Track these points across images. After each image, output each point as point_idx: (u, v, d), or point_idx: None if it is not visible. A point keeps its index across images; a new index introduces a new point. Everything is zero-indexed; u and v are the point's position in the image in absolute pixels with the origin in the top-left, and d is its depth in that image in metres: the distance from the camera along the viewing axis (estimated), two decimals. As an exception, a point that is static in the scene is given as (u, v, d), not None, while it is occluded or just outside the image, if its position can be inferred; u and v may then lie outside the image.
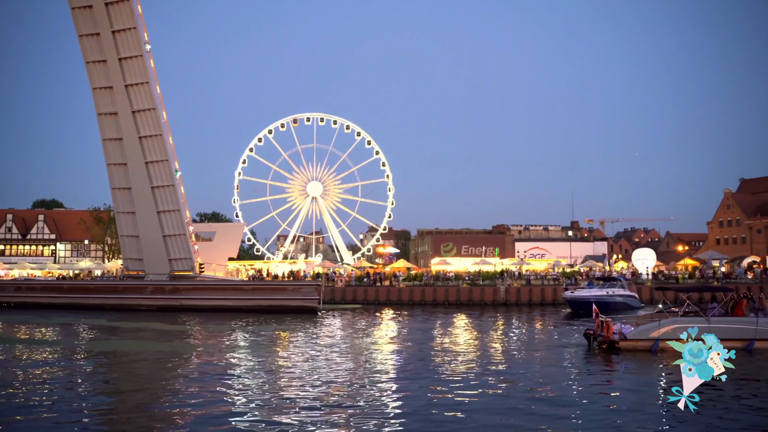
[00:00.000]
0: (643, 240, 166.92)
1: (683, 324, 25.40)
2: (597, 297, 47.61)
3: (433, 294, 60.10)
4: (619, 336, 25.84)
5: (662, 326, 25.84)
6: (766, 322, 26.10)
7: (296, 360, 25.06)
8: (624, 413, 15.89)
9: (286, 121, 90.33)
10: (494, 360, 24.94)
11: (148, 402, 17.35)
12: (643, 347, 25.60)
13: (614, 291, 49.92)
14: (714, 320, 25.72)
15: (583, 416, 15.23)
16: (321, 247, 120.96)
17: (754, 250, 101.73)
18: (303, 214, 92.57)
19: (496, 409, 16.02)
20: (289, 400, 17.09)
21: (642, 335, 25.82)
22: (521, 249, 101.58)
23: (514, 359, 25.18)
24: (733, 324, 25.92)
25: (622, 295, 49.69)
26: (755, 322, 25.91)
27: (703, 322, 25.27)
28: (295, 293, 53.70)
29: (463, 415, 15.42)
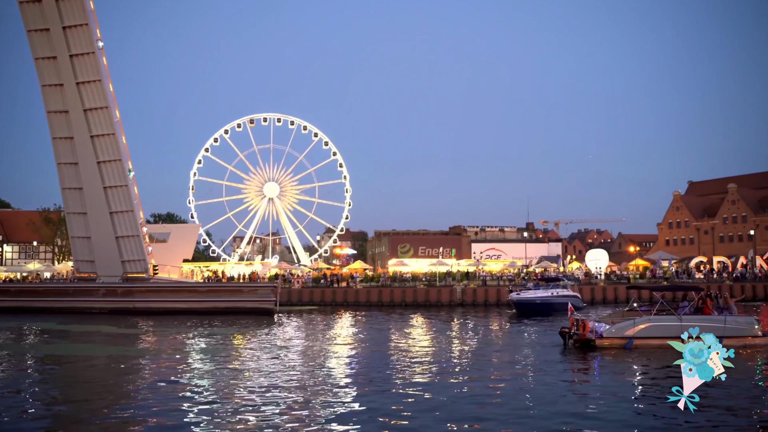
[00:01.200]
0: (596, 241, 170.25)
1: (657, 322, 26.52)
2: (542, 298, 48.37)
3: (390, 295, 60.23)
4: (595, 334, 26.28)
5: (637, 324, 26.51)
6: (733, 320, 27.03)
7: (252, 362, 24.84)
8: (608, 408, 16.12)
9: (242, 122, 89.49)
10: (462, 361, 24.99)
11: (99, 408, 16.94)
12: (619, 345, 26.11)
13: (558, 292, 50.35)
14: (686, 318, 26.43)
15: (566, 414, 15.42)
16: (278, 248, 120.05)
17: (701, 250, 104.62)
18: (259, 215, 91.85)
19: (470, 409, 16.08)
20: (245, 404, 16.90)
21: (617, 333, 26.35)
22: (477, 250, 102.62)
23: (487, 359, 25.24)
24: (704, 322, 26.31)
25: (565, 296, 49.96)
26: (723, 321, 26.71)
27: (675, 320, 26.20)
28: (251, 295, 53.25)
29: (432, 416, 15.45)
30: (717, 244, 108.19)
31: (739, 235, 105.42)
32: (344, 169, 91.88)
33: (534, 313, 46.37)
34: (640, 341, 26.01)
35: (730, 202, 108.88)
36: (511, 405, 16.37)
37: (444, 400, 16.94)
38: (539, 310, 47.00)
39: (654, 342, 25.88)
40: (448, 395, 17.62)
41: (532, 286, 51.86)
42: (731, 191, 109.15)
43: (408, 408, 16.15)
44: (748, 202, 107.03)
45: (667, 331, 25.62)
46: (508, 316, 46.98)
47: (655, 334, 26.08)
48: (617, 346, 26.07)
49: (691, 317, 26.64)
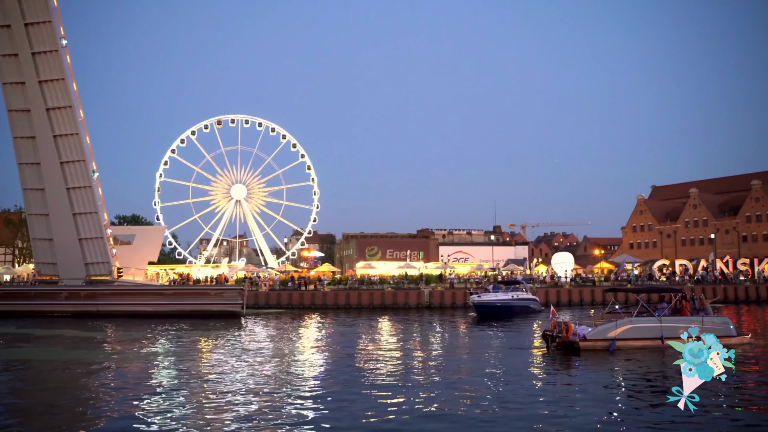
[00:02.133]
0: (562, 244, 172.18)
1: (638, 324, 27.05)
2: (503, 301, 48.43)
3: (358, 298, 60.16)
4: (578, 337, 26.53)
5: (619, 326, 26.94)
6: (710, 321, 27.71)
7: (218, 366, 24.55)
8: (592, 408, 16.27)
9: (210, 123, 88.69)
10: (443, 365, 25.00)
11: (61, 414, 16.61)
12: (601, 347, 26.40)
13: (518, 295, 50.59)
14: (665, 320, 27.22)
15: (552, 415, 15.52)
16: (245, 250, 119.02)
17: (664, 253, 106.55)
18: (227, 218, 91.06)
19: (463, 416, 16.10)
20: (210, 409, 16.71)
21: (600, 335, 26.67)
22: (445, 253, 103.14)
23: (471, 363, 25.26)
24: (682, 323, 27.11)
25: (524, 299, 50.51)
26: (701, 321, 27.21)
27: (655, 321, 26.95)
28: (218, 298, 52.70)
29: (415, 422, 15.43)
30: (679, 247, 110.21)
31: (701, 239, 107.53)
32: (312, 171, 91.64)
33: (494, 316, 46.39)
34: (623, 343, 26.45)
35: (692, 206, 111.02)
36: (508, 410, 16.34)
37: (432, 406, 16.91)
38: (499, 313, 47.07)
39: (636, 343, 26.50)
40: (436, 400, 17.60)
41: (492, 288, 51.64)
42: (693, 196, 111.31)
43: (377, 412, 16.10)
44: (709, 207, 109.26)
45: (648, 333, 26.61)
46: (470, 319, 46.81)
47: (637, 335, 26.74)
48: (600, 348, 26.39)
49: (670, 318, 27.46)
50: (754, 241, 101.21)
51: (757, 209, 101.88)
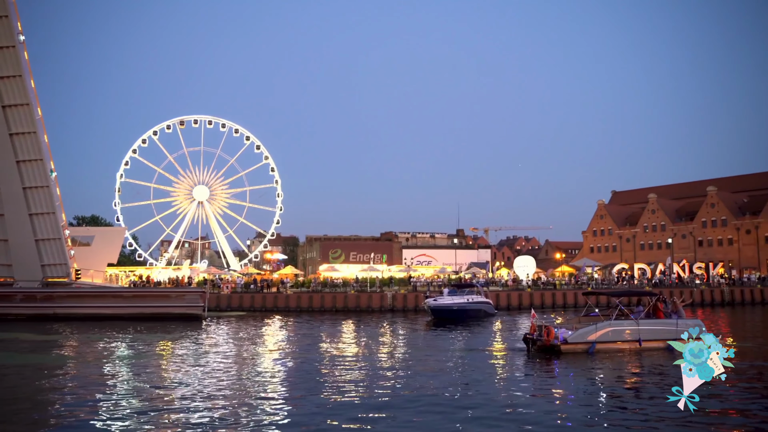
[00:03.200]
0: (524, 248, 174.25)
1: (617, 327, 27.52)
2: (459, 305, 47.95)
3: (321, 300, 60.04)
4: (559, 340, 26.79)
5: (598, 329, 27.30)
6: (684, 323, 28.09)
7: (177, 370, 24.26)
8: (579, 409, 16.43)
9: (172, 123, 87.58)
10: (418, 368, 25.02)
11: (15, 420, 16.24)
12: (582, 350, 26.74)
13: (473, 298, 50.19)
14: (642, 323, 27.87)
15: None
16: (207, 252, 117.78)
17: (623, 257, 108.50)
18: (188, 219, 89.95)
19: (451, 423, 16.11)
20: (169, 413, 16.51)
21: (580, 338, 27.00)
22: (408, 256, 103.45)
23: (451, 367, 25.22)
24: (658, 326, 28.10)
25: (480, 302, 50.19)
26: (675, 324, 27.97)
27: (633, 324, 27.58)
28: (179, 300, 52.08)
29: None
30: (638, 251, 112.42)
31: (658, 243, 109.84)
32: (276, 173, 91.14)
33: (450, 319, 45.97)
34: (602, 345, 26.89)
35: (650, 211, 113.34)
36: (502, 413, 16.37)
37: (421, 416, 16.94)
38: (455, 317, 46.67)
39: (614, 346, 27.03)
40: (422, 407, 17.63)
41: (448, 292, 51.32)
42: (651, 201, 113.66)
43: (344, 416, 16.09)
44: (667, 212, 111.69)
45: (627, 335, 27.24)
46: (425, 323, 46.47)
47: (616, 338, 27.25)
48: (580, 350, 26.72)
49: (647, 321, 28.15)
50: (710, 246, 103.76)
51: (713, 215, 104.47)
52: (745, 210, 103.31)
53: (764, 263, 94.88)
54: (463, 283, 58.87)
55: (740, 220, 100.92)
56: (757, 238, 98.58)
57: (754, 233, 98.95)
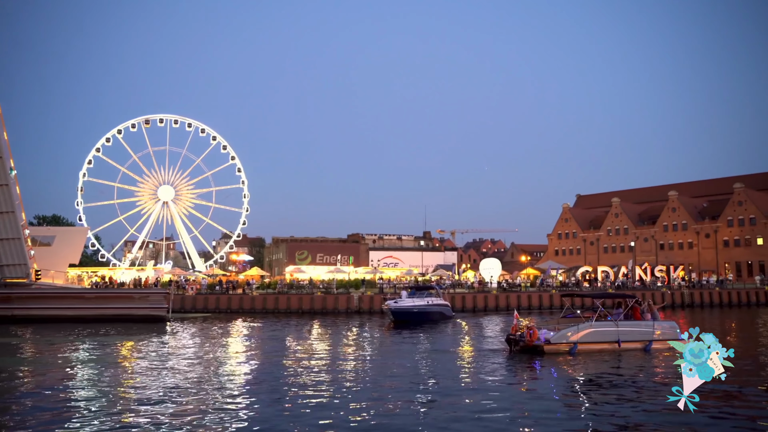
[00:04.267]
0: (490, 250, 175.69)
1: (598, 328, 28.15)
2: (420, 307, 47.51)
3: (287, 302, 59.74)
4: (542, 340, 27.22)
5: (580, 330, 27.89)
6: (660, 325, 29.39)
7: (141, 373, 23.96)
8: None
9: (137, 122, 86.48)
10: (400, 372, 25.02)
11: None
12: (564, 350, 27.26)
13: (432, 300, 49.87)
14: (621, 324, 28.60)
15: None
16: (171, 253, 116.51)
17: (587, 260, 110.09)
18: (153, 219, 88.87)
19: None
20: (131, 416, 16.31)
21: (563, 339, 27.53)
22: (375, 258, 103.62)
23: (433, 370, 25.31)
24: (636, 327, 28.96)
25: (439, 305, 49.91)
26: (652, 325, 29.05)
27: (612, 326, 28.27)
28: (143, 301, 51.32)
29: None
30: (602, 254, 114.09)
31: (621, 246, 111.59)
32: (242, 173, 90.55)
33: (410, 322, 45.46)
34: (583, 346, 27.44)
35: (614, 215, 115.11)
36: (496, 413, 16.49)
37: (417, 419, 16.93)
38: (416, 319, 46.19)
39: (595, 346, 27.66)
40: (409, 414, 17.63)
41: (406, 294, 50.69)
42: (615, 205, 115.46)
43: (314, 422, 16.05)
44: (630, 216, 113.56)
45: (607, 336, 27.93)
46: (385, 325, 45.88)
47: (596, 339, 27.89)
48: (563, 351, 27.22)
49: (626, 323, 28.91)
50: (671, 249, 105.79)
51: (674, 219, 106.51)
52: (704, 214, 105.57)
53: (722, 266, 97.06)
54: (422, 285, 58.48)
55: (700, 225, 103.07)
56: (716, 241, 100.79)
57: (713, 237, 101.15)
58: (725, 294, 70.96)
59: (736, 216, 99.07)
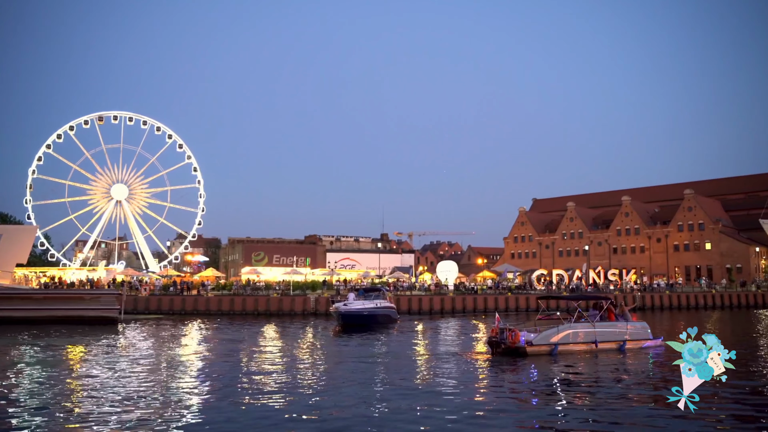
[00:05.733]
0: (447, 253, 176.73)
1: (577, 329, 28.74)
2: (369, 310, 46.46)
3: (243, 304, 59.07)
4: (526, 342, 27.49)
5: (560, 332, 28.38)
6: (633, 326, 30.46)
7: (91, 376, 23.31)
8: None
9: (90, 118, 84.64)
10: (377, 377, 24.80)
11: None
12: (545, 352, 27.68)
13: (380, 303, 48.77)
14: (598, 325, 29.39)
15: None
16: (124, 253, 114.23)
17: (542, 263, 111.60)
18: (105, 219, 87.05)
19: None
20: (78, 422, 15.83)
21: (545, 340, 27.89)
22: (332, 259, 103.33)
23: (417, 373, 25.13)
24: (611, 328, 29.80)
25: (386, 308, 49.11)
26: (626, 326, 30.04)
27: (590, 327, 29.01)
28: (94, 303, 50.15)
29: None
30: (557, 257, 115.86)
31: (576, 250, 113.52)
32: (198, 173, 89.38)
33: (360, 325, 44.27)
34: (563, 347, 27.97)
35: (569, 219, 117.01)
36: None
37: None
38: (365, 322, 45.06)
39: (574, 347, 28.29)
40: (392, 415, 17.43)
41: (354, 296, 49.36)
42: (570, 209, 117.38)
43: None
44: (584, 220, 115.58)
45: (585, 337, 28.64)
46: (332, 329, 44.71)
47: (575, 340, 28.52)
48: (544, 352, 27.62)
49: (602, 324, 29.71)
50: (623, 253, 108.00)
51: (627, 223, 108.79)
52: (656, 219, 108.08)
53: (672, 270, 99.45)
54: (369, 287, 57.79)
55: (651, 229, 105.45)
56: (667, 246, 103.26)
57: (664, 242, 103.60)
58: (675, 297, 72.65)
59: (686, 221, 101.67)
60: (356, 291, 52.96)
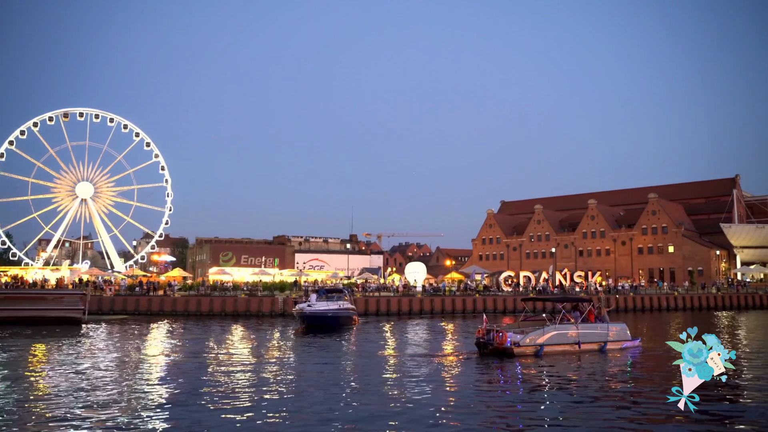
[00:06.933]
0: (416, 254, 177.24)
1: (561, 330, 29.47)
2: (334, 311, 45.80)
3: (210, 304, 58.59)
4: (513, 343, 28.04)
5: (546, 333, 28.99)
6: (613, 327, 31.31)
7: (52, 378, 22.97)
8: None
9: (55, 115, 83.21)
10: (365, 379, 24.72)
11: None
12: (531, 352, 28.29)
13: (343, 305, 48.14)
14: (581, 326, 30.16)
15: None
16: (89, 253, 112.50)
17: (510, 265, 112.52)
18: (70, 217, 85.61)
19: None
20: (38, 425, 15.62)
21: (531, 341, 28.48)
22: (301, 260, 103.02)
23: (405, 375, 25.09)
24: (593, 330, 30.58)
25: (349, 309, 48.65)
26: (607, 327, 30.91)
27: (573, 328, 29.75)
28: (57, 303, 49.30)
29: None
30: (524, 260, 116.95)
31: (543, 252, 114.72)
32: (166, 172, 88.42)
33: (323, 326, 43.57)
34: (549, 348, 28.60)
35: (536, 221, 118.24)
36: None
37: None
38: (329, 324, 44.30)
39: (558, 348, 28.94)
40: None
41: (316, 297, 48.61)
42: (537, 212, 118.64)
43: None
44: (551, 223, 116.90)
45: (569, 339, 29.40)
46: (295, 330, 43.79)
47: (560, 341, 29.20)
48: (530, 353, 28.25)
49: (584, 325, 30.50)
50: (589, 256, 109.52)
51: (592, 227, 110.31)
52: (621, 223, 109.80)
53: (636, 273, 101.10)
54: (331, 288, 56.80)
55: (616, 232, 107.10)
56: (631, 249, 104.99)
57: (629, 245, 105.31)
58: (638, 299, 73.87)
59: (650, 225, 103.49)
60: (317, 292, 52.40)
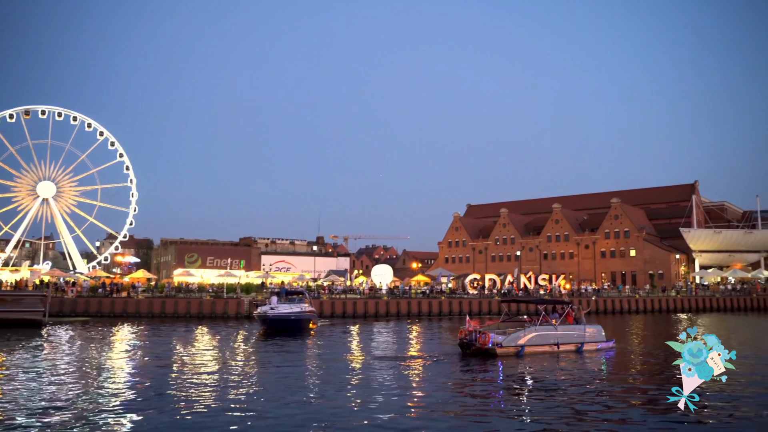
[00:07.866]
0: (382, 257, 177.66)
1: (541, 332, 30.20)
2: (296, 314, 45.41)
3: (175, 306, 58.08)
4: (495, 344, 28.61)
5: (527, 334, 29.71)
6: (589, 329, 32.31)
7: (12, 383, 22.60)
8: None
9: (16, 112, 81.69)
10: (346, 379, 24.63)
11: None
12: (513, 353, 28.91)
13: (304, 307, 47.51)
14: (560, 328, 31.00)
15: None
16: (51, 253, 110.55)
17: (476, 268, 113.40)
18: (31, 217, 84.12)
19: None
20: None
21: (513, 342, 29.15)
22: (267, 262, 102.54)
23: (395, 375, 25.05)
24: (571, 331, 31.47)
25: (310, 312, 47.96)
26: (584, 329, 31.91)
27: (553, 329, 30.55)
28: (16, 305, 48.34)
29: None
30: (489, 262, 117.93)
31: (508, 255, 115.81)
32: (131, 172, 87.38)
33: (285, 329, 43.25)
34: (529, 348, 29.30)
35: (502, 225, 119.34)
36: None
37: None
38: (291, 327, 43.93)
39: (538, 349, 29.68)
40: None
41: (276, 299, 48.06)
42: (503, 216, 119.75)
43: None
44: (517, 226, 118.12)
45: (548, 339, 30.16)
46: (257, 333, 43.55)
47: (539, 342, 29.92)
48: (512, 353, 28.84)
49: (563, 327, 31.37)
50: (553, 259, 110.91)
51: (557, 230, 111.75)
52: (584, 227, 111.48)
53: (599, 276, 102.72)
54: (290, 290, 56.10)
55: (580, 236, 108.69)
56: (594, 252, 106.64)
57: (592, 248, 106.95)
58: (601, 302, 75.10)
59: (613, 229, 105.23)
60: (277, 294, 51.85)
